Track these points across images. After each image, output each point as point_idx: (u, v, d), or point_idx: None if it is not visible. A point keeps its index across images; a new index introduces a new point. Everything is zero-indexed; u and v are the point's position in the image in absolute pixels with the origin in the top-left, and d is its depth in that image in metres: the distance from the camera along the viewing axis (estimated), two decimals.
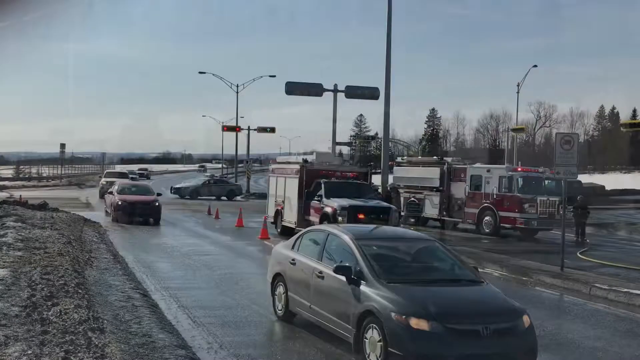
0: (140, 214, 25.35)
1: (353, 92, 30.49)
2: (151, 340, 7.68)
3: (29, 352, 6.32)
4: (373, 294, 7.36)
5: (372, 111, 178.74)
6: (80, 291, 9.58)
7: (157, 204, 26.02)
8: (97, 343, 6.96)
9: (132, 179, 46.25)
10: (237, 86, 58.33)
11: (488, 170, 25.24)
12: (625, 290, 13.02)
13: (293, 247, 9.72)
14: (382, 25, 24.81)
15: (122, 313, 8.94)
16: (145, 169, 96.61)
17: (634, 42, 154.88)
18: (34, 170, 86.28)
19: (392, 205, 20.31)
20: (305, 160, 22.51)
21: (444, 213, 26.67)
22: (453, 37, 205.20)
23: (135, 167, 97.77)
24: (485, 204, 24.68)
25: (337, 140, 34.18)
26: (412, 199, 27.39)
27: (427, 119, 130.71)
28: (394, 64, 24.87)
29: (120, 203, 25.41)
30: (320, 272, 8.51)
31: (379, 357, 7.03)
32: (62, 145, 73.45)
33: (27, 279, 9.93)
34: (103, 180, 43.31)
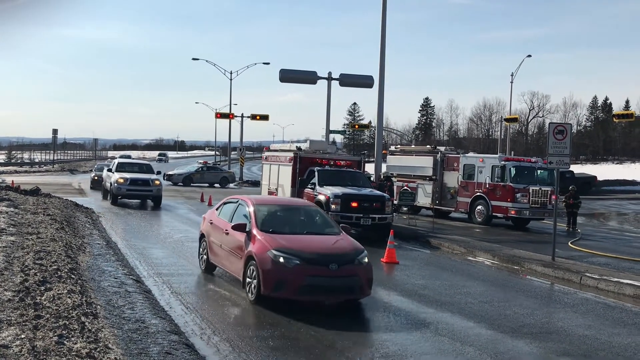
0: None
1: (347, 80, 30.41)
2: (144, 325, 7.71)
3: (22, 336, 6.34)
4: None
5: (366, 99, 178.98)
6: (73, 276, 9.59)
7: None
8: (90, 328, 6.97)
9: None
10: (231, 73, 58.15)
11: (481, 160, 25.29)
12: (616, 279, 13.14)
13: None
14: (378, 13, 24.74)
15: (115, 298, 8.96)
16: (165, 154, 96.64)
17: (628, 34, 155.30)
18: (26, 155, 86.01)
19: (385, 194, 20.34)
20: (299, 148, 22.49)
21: (437, 202, 26.76)
22: (448, 26, 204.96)
23: (131, 153, 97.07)
24: (478, 193, 24.77)
25: (331, 128, 34.16)
26: (405, 187, 27.43)
27: (420, 108, 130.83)
28: (388, 52, 24.83)
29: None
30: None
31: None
32: (55, 131, 73.14)
33: (20, 264, 9.93)
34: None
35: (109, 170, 26.67)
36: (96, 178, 36.08)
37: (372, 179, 24.97)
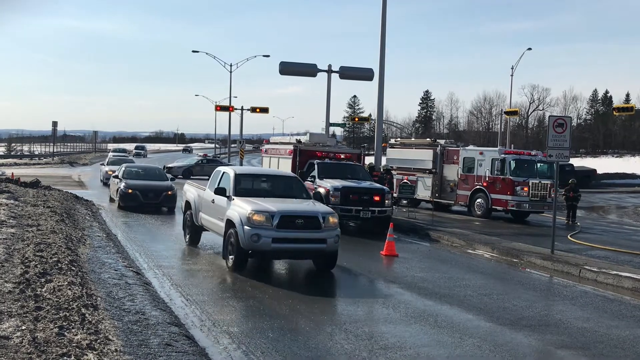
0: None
1: (347, 73, 30.35)
2: (144, 317, 7.74)
3: (23, 327, 6.36)
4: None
5: (366, 92, 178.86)
6: (73, 268, 9.61)
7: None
8: (90, 319, 7.00)
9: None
10: (231, 66, 58.03)
11: (481, 153, 25.29)
12: (614, 272, 13.17)
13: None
14: (378, 5, 24.69)
15: (115, 290, 8.98)
16: (143, 147, 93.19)
17: (629, 27, 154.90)
18: (25, 148, 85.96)
19: (384, 187, 20.34)
20: (298, 141, 22.48)
21: (437, 195, 26.77)
22: (448, 18, 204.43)
23: (127, 145, 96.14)
24: (478, 186, 24.78)
25: (331, 121, 34.13)
26: (405, 180, 27.45)
27: (420, 101, 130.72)
28: (388, 45, 24.80)
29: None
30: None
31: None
32: (55, 123, 73.13)
33: (21, 255, 9.95)
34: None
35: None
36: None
37: (380, 168, 24.95)
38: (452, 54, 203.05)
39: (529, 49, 54.46)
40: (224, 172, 13.57)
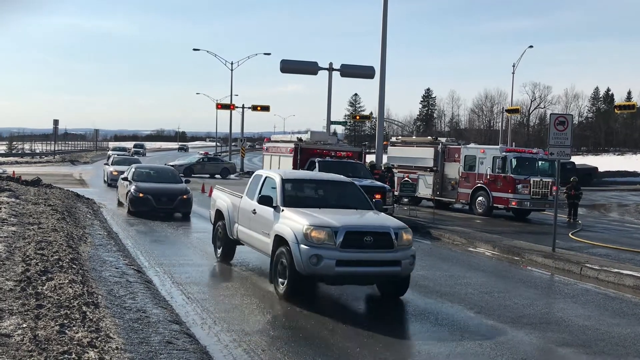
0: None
1: (348, 71, 30.31)
2: (145, 315, 7.74)
3: (24, 325, 6.37)
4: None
5: (367, 90, 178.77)
6: (74, 266, 9.61)
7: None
8: (91, 317, 7.00)
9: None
10: (232, 64, 58.05)
11: (482, 151, 25.28)
12: (616, 270, 13.16)
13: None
14: (379, 3, 24.66)
15: (116, 288, 8.99)
16: (141, 145, 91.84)
17: (630, 24, 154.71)
18: (27, 146, 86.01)
19: (386, 185, 20.33)
20: (299, 139, 22.48)
21: (438, 193, 26.77)
22: (449, 16, 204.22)
23: (126, 144, 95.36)
24: (479, 184, 24.77)
25: (332, 119, 34.07)
26: (406, 178, 27.43)
27: (422, 99, 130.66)
28: (390, 43, 24.76)
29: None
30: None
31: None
32: (56, 122, 73.14)
33: (22, 253, 9.95)
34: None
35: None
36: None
37: (381, 166, 24.96)
38: (453, 51, 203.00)
39: (531, 46, 54.40)
40: (266, 177, 11.49)
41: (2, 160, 56.02)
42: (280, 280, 9.67)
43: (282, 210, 10.06)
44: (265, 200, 10.53)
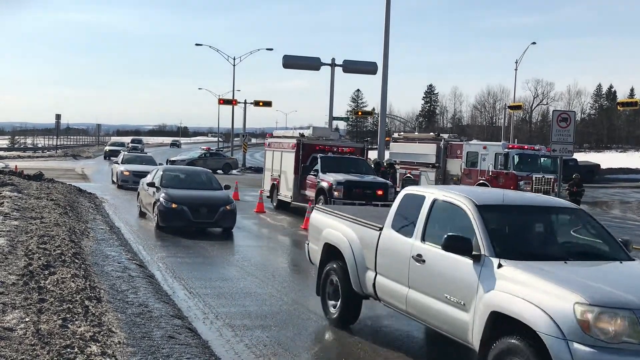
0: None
1: (351, 67, 30.33)
2: (147, 310, 7.75)
3: (27, 319, 6.38)
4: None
5: (369, 86, 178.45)
6: (77, 261, 9.63)
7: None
8: (94, 312, 7.02)
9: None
10: (234, 59, 58.01)
11: (484, 147, 25.27)
12: None
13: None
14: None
15: (118, 283, 9.01)
16: (140, 140, 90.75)
17: (633, 21, 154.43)
18: (29, 141, 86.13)
19: (388, 181, 20.34)
20: (301, 135, 22.47)
21: None
22: (452, 12, 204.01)
23: (124, 140, 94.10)
24: (481, 181, 24.76)
25: (334, 115, 34.11)
26: (408, 175, 27.45)
27: (424, 95, 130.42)
28: (392, 39, 24.73)
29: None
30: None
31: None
32: (58, 116, 73.19)
33: (24, 248, 9.97)
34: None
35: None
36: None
37: (384, 162, 24.95)
38: (456, 48, 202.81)
39: (533, 43, 54.28)
40: (435, 201, 6.81)
41: (5, 155, 56.11)
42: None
43: (499, 265, 5.62)
44: (456, 246, 5.93)
